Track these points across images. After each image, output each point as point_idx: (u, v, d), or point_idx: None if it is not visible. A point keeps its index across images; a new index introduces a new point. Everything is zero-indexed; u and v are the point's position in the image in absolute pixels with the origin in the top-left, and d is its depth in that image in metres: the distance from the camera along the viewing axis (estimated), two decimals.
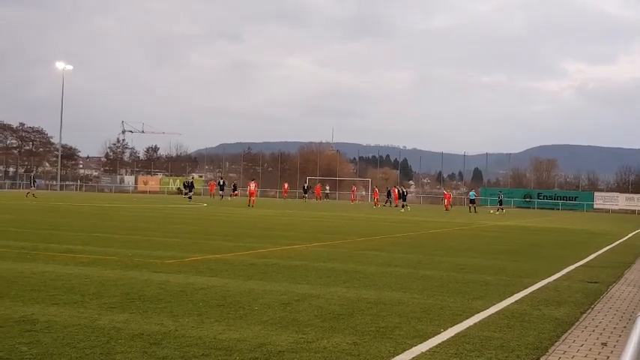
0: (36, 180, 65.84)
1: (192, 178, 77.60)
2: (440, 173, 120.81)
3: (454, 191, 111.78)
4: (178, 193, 76.03)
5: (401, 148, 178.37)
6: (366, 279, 12.59)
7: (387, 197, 67.81)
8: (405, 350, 7.26)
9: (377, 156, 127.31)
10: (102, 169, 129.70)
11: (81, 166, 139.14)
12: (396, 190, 66.92)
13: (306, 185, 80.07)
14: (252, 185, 56.37)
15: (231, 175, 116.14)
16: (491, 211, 60.39)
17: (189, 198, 61.71)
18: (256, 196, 58.25)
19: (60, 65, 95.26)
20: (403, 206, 61.20)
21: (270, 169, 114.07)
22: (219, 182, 70.30)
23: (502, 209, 62.41)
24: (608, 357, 7.49)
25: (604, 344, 8.06)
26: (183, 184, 77.24)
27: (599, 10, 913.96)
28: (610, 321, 9.57)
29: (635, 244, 25.66)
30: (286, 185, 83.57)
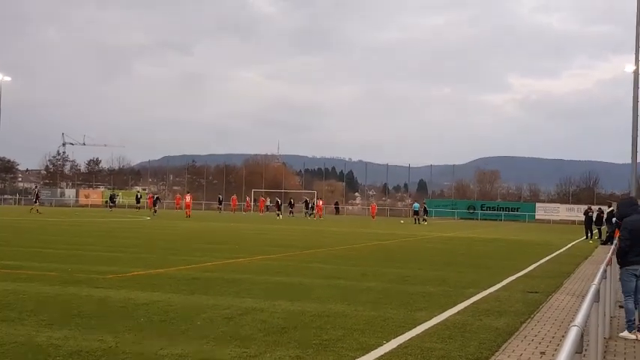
0: (39, 195, 65.29)
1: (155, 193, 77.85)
2: (385, 185, 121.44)
3: (400, 203, 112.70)
4: (108, 206, 75.35)
5: (347, 160, 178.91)
6: (311, 292, 12.59)
7: (294, 207, 70.76)
8: None
9: (323, 168, 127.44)
10: (42, 182, 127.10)
11: (20, 179, 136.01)
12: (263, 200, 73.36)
13: (221, 197, 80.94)
14: (188, 197, 62.84)
15: (175, 187, 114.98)
16: (425, 222, 61.03)
17: (154, 212, 61.87)
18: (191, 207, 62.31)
19: None
20: (305, 214, 68.16)
21: (215, 181, 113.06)
22: (155, 197, 69.72)
23: (425, 219, 63.15)
24: None
25: (542, 353, 8.21)
26: (110, 196, 77.12)
27: (543, 25, 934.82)
28: (549, 330, 9.75)
29: (574, 254, 26.21)
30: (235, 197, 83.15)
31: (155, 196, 70.06)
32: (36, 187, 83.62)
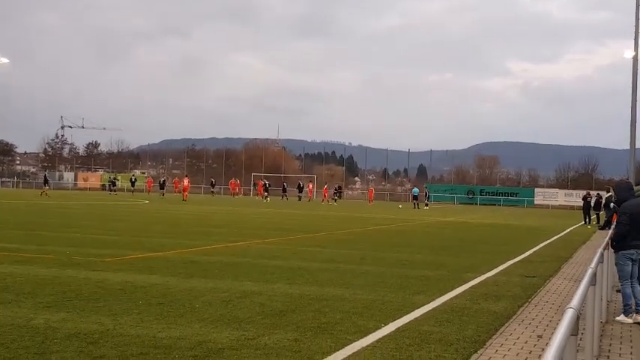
0: (48, 178, 66.32)
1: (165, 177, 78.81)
2: (385, 170, 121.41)
3: (399, 187, 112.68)
4: (108, 190, 75.53)
5: (347, 144, 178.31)
6: (309, 275, 12.61)
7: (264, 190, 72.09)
8: (346, 346, 7.29)
9: (323, 153, 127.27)
10: (40, 165, 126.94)
11: (18, 162, 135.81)
12: (261, 183, 73.49)
13: (213, 181, 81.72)
14: (186, 181, 63.31)
15: (174, 171, 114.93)
16: (426, 207, 61.08)
17: (162, 195, 63.03)
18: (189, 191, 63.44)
19: None
20: (265, 197, 67.30)
21: (214, 165, 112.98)
22: (160, 180, 71.02)
23: (426, 204, 63.32)
24: (543, 349, 7.63)
25: (540, 337, 8.22)
26: (112, 180, 78.09)
27: (543, 11, 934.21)
28: (546, 314, 9.77)
29: (572, 239, 26.24)
30: (233, 181, 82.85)
31: (162, 179, 71.10)
32: (45, 170, 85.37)
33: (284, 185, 76.64)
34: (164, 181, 69.74)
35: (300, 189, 73.34)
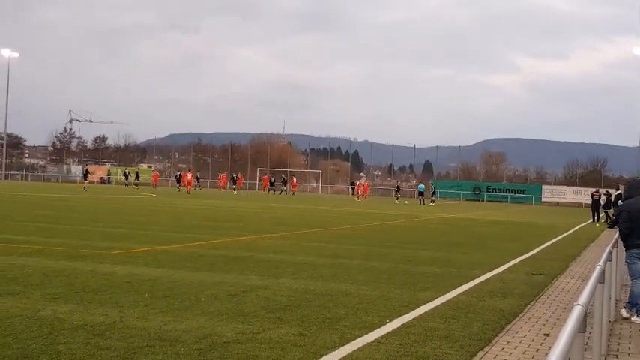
0: (87, 173, 67.76)
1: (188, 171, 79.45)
2: (391, 165, 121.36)
3: (405, 184, 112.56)
4: (131, 184, 75.84)
5: (352, 140, 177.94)
6: (314, 270, 12.61)
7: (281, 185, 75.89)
8: (351, 341, 7.29)
9: (328, 148, 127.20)
10: (48, 158, 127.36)
11: (27, 155, 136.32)
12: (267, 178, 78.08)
13: (198, 174, 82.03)
14: (189, 175, 66.01)
15: (180, 165, 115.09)
16: (432, 204, 60.83)
17: (179, 188, 65.23)
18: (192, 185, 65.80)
19: (6, 53, 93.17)
20: (281, 192, 72.27)
21: (220, 160, 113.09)
22: (176, 175, 71.90)
23: (433, 201, 63.10)
24: (550, 347, 7.60)
25: (547, 335, 8.20)
26: (136, 174, 78.81)
27: (549, 6, 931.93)
28: (553, 312, 9.74)
29: (580, 237, 26.17)
30: (221, 176, 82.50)
31: (177, 173, 71.97)
32: (86, 164, 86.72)
33: (271, 180, 77.34)
34: (181, 175, 70.07)
35: (284, 183, 74.18)
